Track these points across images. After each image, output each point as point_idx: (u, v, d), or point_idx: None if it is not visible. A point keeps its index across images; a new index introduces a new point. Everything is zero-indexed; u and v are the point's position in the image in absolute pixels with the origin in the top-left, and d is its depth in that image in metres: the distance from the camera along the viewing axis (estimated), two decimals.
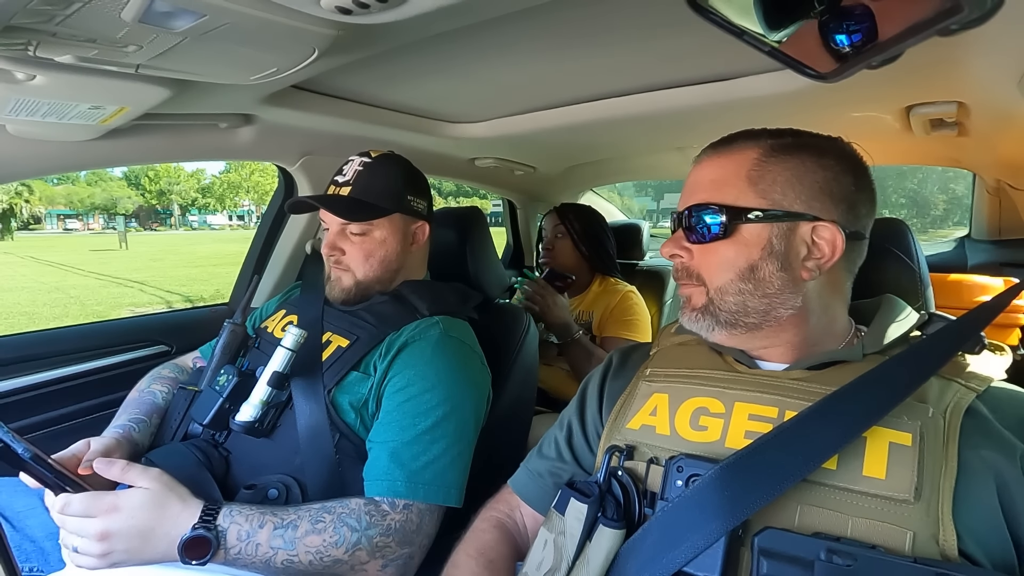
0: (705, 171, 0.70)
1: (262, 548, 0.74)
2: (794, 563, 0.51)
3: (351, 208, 1.01)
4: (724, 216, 0.65)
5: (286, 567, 0.74)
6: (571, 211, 1.88)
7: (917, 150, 1.61)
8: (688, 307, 0.70)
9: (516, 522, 0.80)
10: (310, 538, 0.75)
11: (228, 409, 0.88)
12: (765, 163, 0.66)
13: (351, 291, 1.03)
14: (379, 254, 1.03)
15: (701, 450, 0.62)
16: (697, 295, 0.69)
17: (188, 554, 0.71)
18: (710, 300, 0.67)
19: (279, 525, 0.75)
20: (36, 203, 38.01)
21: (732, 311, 0.66)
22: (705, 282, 0.68)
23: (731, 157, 0.68)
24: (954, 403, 0.57)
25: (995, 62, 0.89)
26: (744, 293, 0.65)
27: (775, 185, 0.65)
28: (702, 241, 0.67)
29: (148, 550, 0.72)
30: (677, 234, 0.71)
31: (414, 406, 0.87)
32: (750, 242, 0.65)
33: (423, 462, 0.84)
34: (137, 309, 9.56)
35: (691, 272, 0.69)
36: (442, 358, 0.93)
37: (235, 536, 0.73)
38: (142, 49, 0.70)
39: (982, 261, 1.99)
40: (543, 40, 0.95)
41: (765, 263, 0.64)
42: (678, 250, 0.70)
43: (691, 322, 0.70)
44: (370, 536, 0.78)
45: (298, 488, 0.85)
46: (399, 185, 1.04)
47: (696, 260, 0.69)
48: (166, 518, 0.72)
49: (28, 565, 0.87)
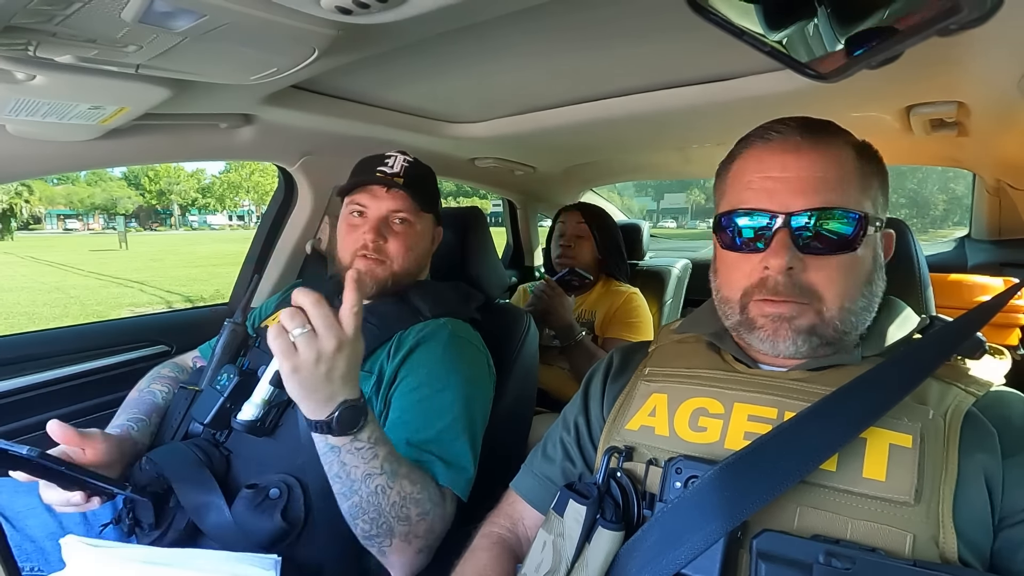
0: (808, 165, 0.60)
1: (374, 463, 0.74)
2: (792, 566, 0.51)
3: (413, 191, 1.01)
4: (857, 224, 0.57)
5: (371, 494, 0.74)
6: (596, 213, 1.88)
7: (917, 150, 1.61)
8: (788, 327, 0.60)
9: (518, 535, 0.78)
10: (405, 482, 0.76)
11: (229, 408, 0.88)
12: (862, 165, 0.62)
13: (386, 283, 1.00)
14: (418, 248, 1.05)
15: (700, 451, 0.62)
16: (804, 314, 0.60)
17: (341, 421, 0.69)
18: (823, 320, 0.60)
19: (393, 455, 0.76)
20: (36, 203, 38.03)
21: (842, 330, 0.60)
22: (822, 299, 0.59)
23: (833, 153, 0.61)
24: (954, 406, 0.57)
25: (995, 62, 0.89)
26: (864, 310, 0.61)
27: (871, 191, 0.62)
28: (829, 252, 0.59)
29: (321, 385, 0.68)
30: (782, 240, 0.59)
31: (430, 405, 0.88)
32: (867, 253, 0.61)
33: (448, 458, 0.84)
34: (137, 309, 9.55)
35: (802, 287, 0.59)
36: (454, 358, 0.93)
37: (368, 434, 0.73)
38: (142, 49, 0.70)
39: (982, 261, 2.00)
40: (543, 40, 0.95)
41: (876, 276, 0.61)
42: (795, 262, 0.59)
43: (788, 347, 0.61)
44: (436, 514, 0.79)
45: (300, 487, 0.85)
46: (435, 187, 1.10)
47: (810, 273, 0.59)
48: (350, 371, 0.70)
49: (28, 565, 0.88)
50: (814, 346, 0.61)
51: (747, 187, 0.64)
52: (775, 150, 0.62)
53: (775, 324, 0.61)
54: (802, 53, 0.51)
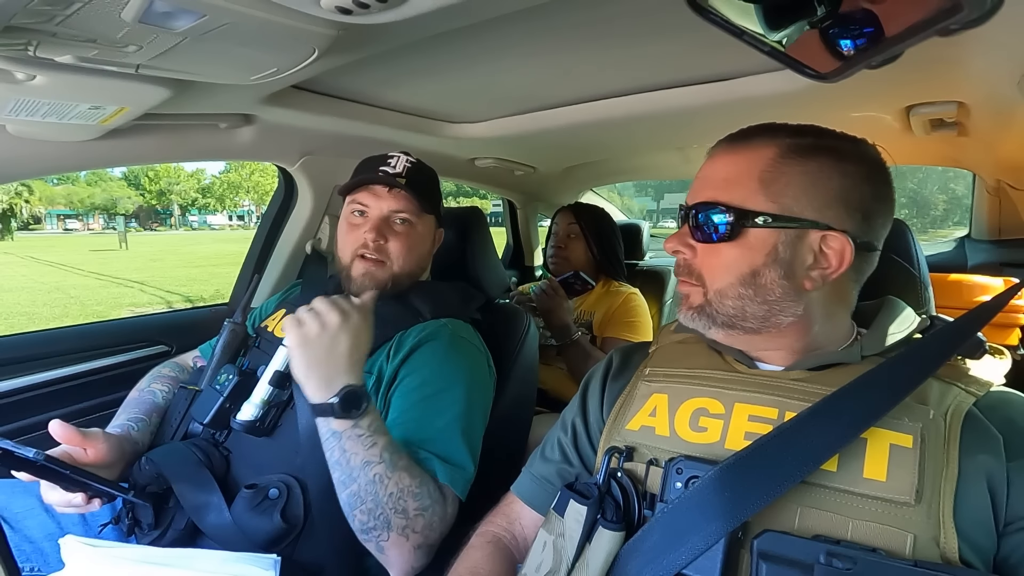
0: (718, 167, 0.67)
1: (373, 451, 0.75)
2: (793, 566, 0.51)
3: (415, 192, 1.01)
4: (731, 217, 0.63)
5: (369, 483, 0.75)
6: (587, 212, 1.87)
7: (917, 150, 1.61)
8: (685, 305, 0.69)
9: (515, 535, 0.78)
10: (404, 475, 0.77)
11: (229, 408, 0.88)
12: (780, 164, 0.63)
13: (386, 284, 1.00)
14: (419, 249, 1.04)
15: (701, 451, 0.62)
16: (695, 294, 0.68)
17: (344, 403, 0.75)
18: (707, 301, 0.66)
19: (396, 448, 0.78)
20: (36, 203, 38.02)
21: (729, 314, 0.65)
22: (705, 282, 0.66)
23: (745, 154, 0.65)
24: (954, 406, 0.57)
25: (995, 62, 0.89)
26: (744, 298, 0.64)
27: (788, 189, 0.62)
28: (706, 241, 0.65)
29: (325, 359, 0.77)
30: (683, 230, 0.69)
31: (430, 405, 0.88)
32: (755, 247, 0.63)
33: (447, 457, 0.84)
34: (137, 309, 9.55)
35: (692, 270, 0.68)
36: (455, 358, 0.93)
37: (369, 421, 0.76)
38: (142, 49, 0.70)
39: (982, 261, 2.00)
40: (543, 40, 0.95)
41: (768, 270, 0.63)
42: (682, 247, 0.68)
43: (688, 320, 0.69)
44: (434, 511, 0.79)
45: (299, 488, 0.85)
46: (436, 189, 1.09)
47: (699, 259, 0.67)
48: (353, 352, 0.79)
49: (28, 565, 0.88)
50: (708, 325, 0.67)
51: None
52: (712, 153, 0.70)
53: (681, 300, 0.71)
54: (802, 53, 0.51)
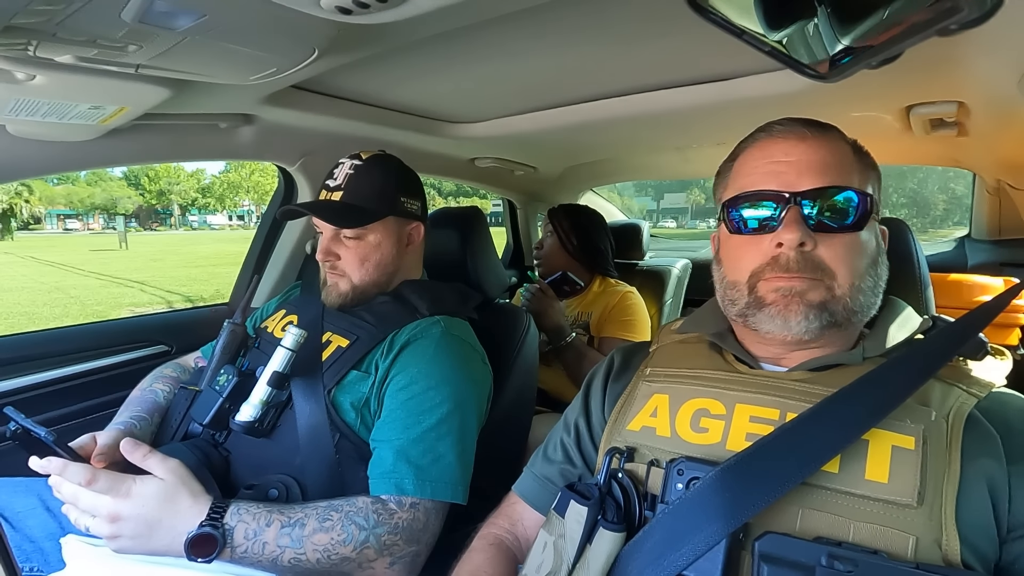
0: (812, 151, 0.62)
1: (269, 547, 0.74)
2: (795, 568, 0.51)
3: (343, 214, 1.00)
4: (862, 203, 0.60)
5: (293, 565, 0.74)
6: (560, 210, 1.87)
7: (917, 150, 1.61)
8: (799, 302, 0.60)
9: (517, 536, 0.78)
10: (318, 536, 0.75)
11: (228, 409, 0.88)
12: (859, 159, 0.65)
13: (348, 296, 1.02)
14: (374, 258, 1.02)
15: (702, 452, 0.62)
16: (814, 290, 0.60)
17: (194, 551, 0.71)
18: (834, 297, 0.60)
19: (286, 523, 0.75)
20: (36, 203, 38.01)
21: (852, 309, 0.61)
22: (834, 275, 0.60)
23: (832, 144, 0.63)
24: (956, 408, 0.56)
25: (995, 62, 0.89)
26: (869, 291, 0.62)
27: (869, 182, 0.65)
28: (834, 230, 0.60)
29: (154, 541, 0.72)
30: (793, 219, 0.60)
31: (418, 404, 0.87)
32: (871, 237, 0.63)
33: (429, 459, 0.84)
34: (137, 309, 9.55)
35: (815, 263, 0.60)
36: (445, 356, 0.93)
37: (242, 535, 0.73)
38: (142, 49, 0.70)
39: (982, 261, 2.00)
40: (543, 40, 0.95)
41: (881, 261, 0.64)
42: (807, 238, 0.60)
43: (801, 320, 0.60)
44: (378, 534, 0.78)
45: (298, 488, 0.85)
46: (391, 187, 1.03)
47: (821, 250, 0.61)
48: (175, 512, 0.73)
49: (28, 565, 0.87)
50: (824, 324, 0.60)
51: (752, 173, 0.65)
52: (779, 140, 0.64)
53: (786, 299, 0.61)
54: (802, 53, 0.51)
